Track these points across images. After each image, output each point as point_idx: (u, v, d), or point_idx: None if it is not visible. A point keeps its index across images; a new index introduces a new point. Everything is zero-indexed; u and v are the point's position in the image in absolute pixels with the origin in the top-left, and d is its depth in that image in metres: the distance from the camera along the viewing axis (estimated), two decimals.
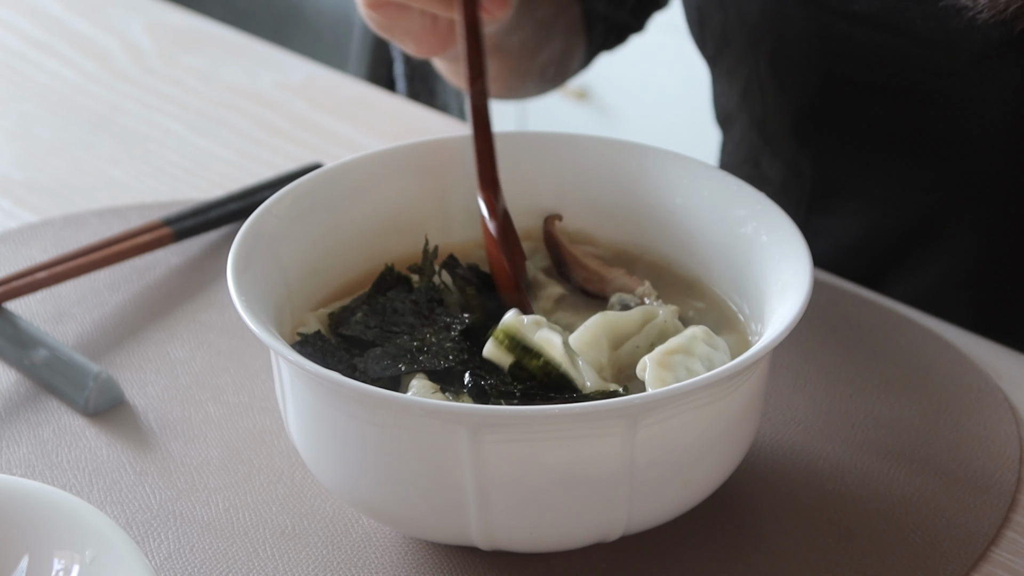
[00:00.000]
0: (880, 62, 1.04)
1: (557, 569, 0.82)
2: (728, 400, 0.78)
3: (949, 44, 1.01)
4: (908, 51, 1.02)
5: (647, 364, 0.79)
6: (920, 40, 1.02)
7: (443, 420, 0.75)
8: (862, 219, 1.12)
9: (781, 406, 0.92)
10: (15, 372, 0.96)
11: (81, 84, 1.28)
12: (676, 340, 0.80)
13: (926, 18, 1.01)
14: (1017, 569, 0.83)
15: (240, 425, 0.92)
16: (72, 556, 0.74)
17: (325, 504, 0.86)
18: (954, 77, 1.02)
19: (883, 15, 1.03)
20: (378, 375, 0.81)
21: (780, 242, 0.85)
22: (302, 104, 1.24)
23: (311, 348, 0.82)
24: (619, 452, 0.75)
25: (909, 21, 1.02)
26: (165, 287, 1.03)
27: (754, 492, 0.87)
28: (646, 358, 0.80)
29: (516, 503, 0.76)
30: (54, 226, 1.09)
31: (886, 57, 1.04)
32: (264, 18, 2.08)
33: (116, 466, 0.89)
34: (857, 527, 0.85)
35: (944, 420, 0.92)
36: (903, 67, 1.03)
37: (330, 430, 0.79)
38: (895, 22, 1.02)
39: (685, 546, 0.83)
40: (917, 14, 1.01)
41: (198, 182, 1.15)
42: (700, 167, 0.90)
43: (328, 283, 0.89)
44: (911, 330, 0.99)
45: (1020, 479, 0.88)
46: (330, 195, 0.90)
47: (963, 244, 1.09)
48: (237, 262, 0.82)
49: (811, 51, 1.07)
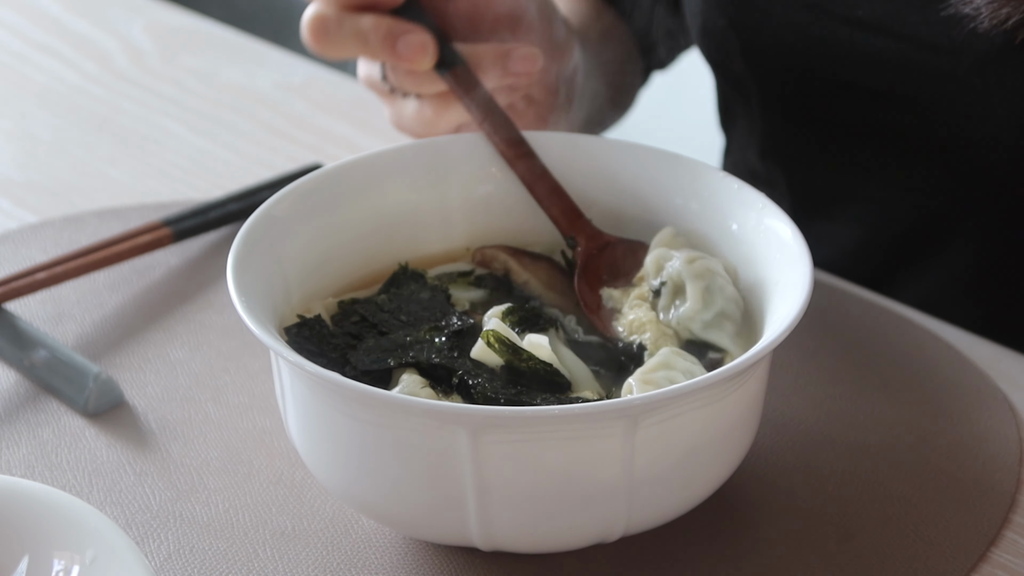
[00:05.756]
0: (883, 68, 1.04)
1: (557, 569, 0.82)
2: (728, 401, 0.78)
3: (952, 50, 1.01)
4: (911, 56, 1.02)
5: (632, 386, 0.80)
6: (923, 46, 1.02)
7: (443, 420, 0.75)
8: (865, 224, 1.12)
9: (781, 406, 0.92)
10: (15, 373, 0.96)
11: (81, 85, 1.28)
12: (653, 360, 0.81)
13: (929, 24, 1.01)
14: (1017, 570, 0.83)
15: (240, 426, 0.92)
16: (72, 557, 0.74)
17: (325, 505, 0.86)
18: (957, 82, 1.02)
19: (886, 20, 1.03)
20: (367, 368, 0.81)
21: (780, 242, 0.85)
22: (302, 104, 1.24)
23: (308, 331, 0.83)
24: (619, 453, 0.75)
25: (912, 26, 1.02)
26: (165, 288, 1.03)
27: (754, 493, 0.87)
28: (630, 380, 0.80)
29: (516, 503, 0.76)
30: (54, 227, 1.09)
31: (889, 63, 1.04)
32: (264, 18, 2.08)
33: (116, 467, 0.89)
34: (857, 528, 0.84)
35: (944, 421, 0.92)
36: (906, 72, 1.03)
37: (330, 430, 0.79)
38: (898, 28, 1.02)
39: (685, 546, 0.83)
40: (920, 20, 1.02)
41: (198, 182, 1.15)
42: (700, 167, 0.90)
43: (328, 283, 0.89)
44: (911, 331, 0.99)
45: (1020, 480, 0.88)
46: (330, 195, 0.90)
47: (967, 248, 1.09)
48: (237, 263, 0.82)
49: (813, 56, 1.07)
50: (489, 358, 0.81)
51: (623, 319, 0.86)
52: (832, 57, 1.06)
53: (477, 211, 0.93)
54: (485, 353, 0.81)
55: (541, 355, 0.81)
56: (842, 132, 1.10)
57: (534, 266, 0.90)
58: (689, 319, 0.84)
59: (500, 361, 0.81)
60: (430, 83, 0.94)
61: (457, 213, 0.93)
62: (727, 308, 0.85)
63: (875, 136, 1.08)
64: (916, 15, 1.02)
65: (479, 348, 0.81)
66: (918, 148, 1.07)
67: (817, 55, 1.07)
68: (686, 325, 0.84)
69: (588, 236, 0.90)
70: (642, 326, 0.85)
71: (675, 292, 0.85)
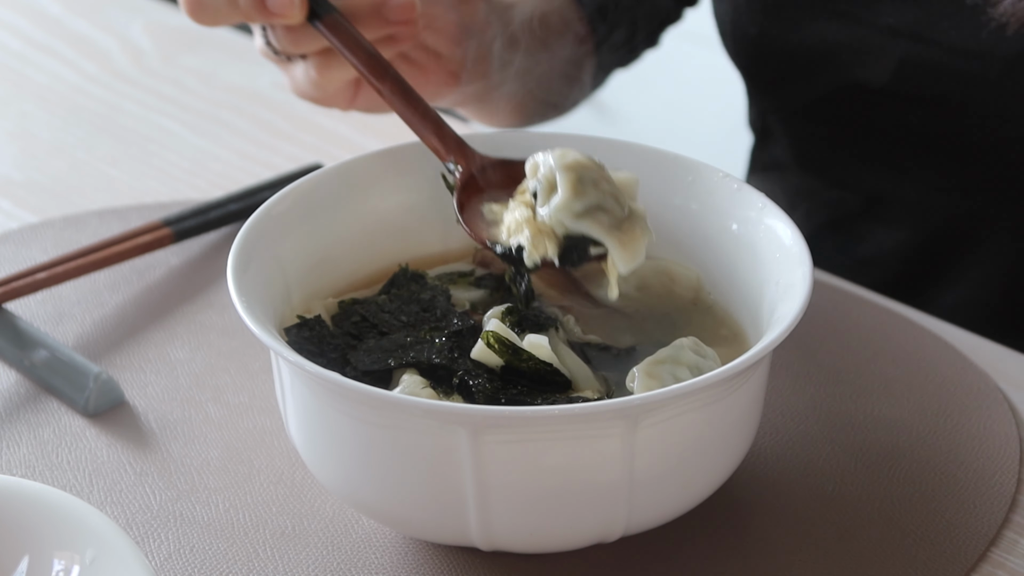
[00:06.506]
0: (914, 73, 1.05)
1: (557, 569, 0.82)
2: (728, 401, 0.78)
3: (981, 54, 1.01)
4: (941, 61, 1.03)
5: (636, 374, 0.80)
6: (953, 50, 1.02)
7: (443, 420, 0.75)
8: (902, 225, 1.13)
9: (781, 406, 0.92)
10: (15, 373, 0.96)
11: (81, 85, 1.28)
12: (664, 351, 0.81)
13: (959, 28, 1.02)
14: (1017, 570, 0.83)
15: (240, 425, 0.92)
16: (72, 557, 0.74)
17: (325, 505, 0.86)
18: (988, 85, 1.03)
19: (915, 27, 1.03)
20: (368, 368, 0.81)
21: (780, 242, 0.85)
22: (302, 105, 1.24)
23: (308, 332, 0.83)
24: (619, 453, 0.75)
25: (941, 32, 1.02)
26: (165, 288, 1.03)
27: (754, 493, 0.87)
28: (635, 369, 0.80)
29: (516, 503, 0.76)
30: (54, 227, 1.09)
31: (920, 68, 1.04)
32: None
33: (116, 467, 0.89)
34: (857, 527, 0.84)
35: (944, 421, 0.92)
36: (937, 77, 1.04)
37: (330, 430, 0.79)
38: (928, 33, 1.03)
39: (685, 546, 0.83)
40: (949, 25, 1.02)
41: (198, 183, 1.15)
42: (700, 167, 0.90)
43: (328, 283, 0.89)
44: (911, 330, 0.99)
45: (1020, 479, 0.88)
46: (330, 196, 0.90)
47: (1000, 249, 1.10)
48: (237, 263, 0.82)
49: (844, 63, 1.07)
50: (489, 358, 0.81)
51: (503, 225, 0.86)
52: (863, 64, 1.06)
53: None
54: (485, 353, 0.81)
55: (541, 355, 0.81)
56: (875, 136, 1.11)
57: None
58: (560, 210, 0.83)
59: (500, 361, 0.81)
60: (309, 40, 0.94)
61: None
62: (603, 201, 0.83)
63: (909, 139, 1.09)
64: (945, 21, 1.02)
65: (479, 348, 0.81)
66: (952, 150, 1.07)
67: (848, 62, 1.07)
68: (558, 218, 0.83)
69: (467, 158, 0.89)
70: (519, 226, 0.84)
71: (549, 189, 0.84)
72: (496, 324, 0.82)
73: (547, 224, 0.83)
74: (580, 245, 0.83)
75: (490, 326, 0.82)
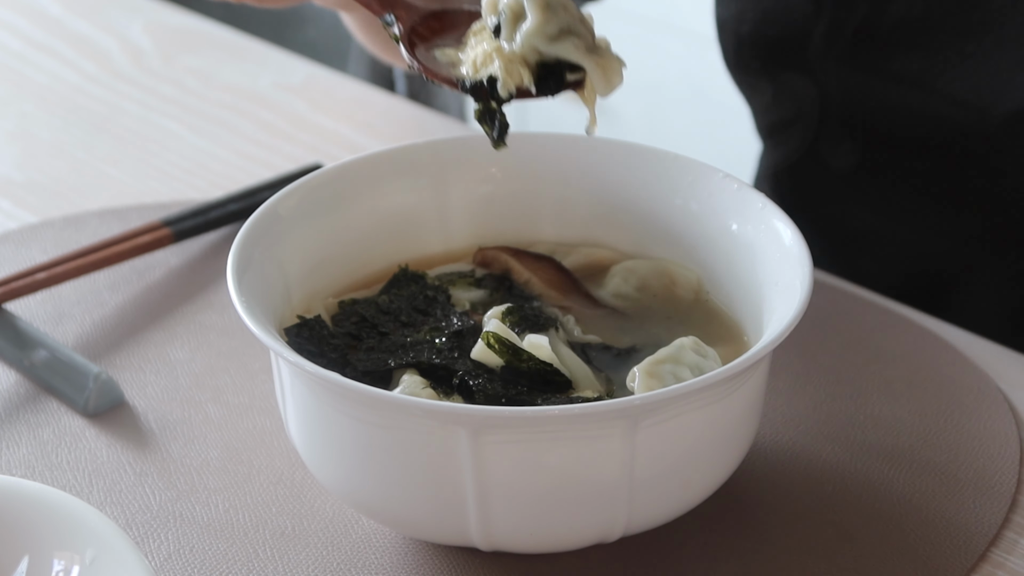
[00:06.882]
0: (917, 120, 1.05)
1: (557, 569, 0.82)
2: (728, 401, 0.78)
3: (981, 106, 1.02)
4: (943, 111, 1.03)
5: (636, 374, 0.80)
6: (954, 101, 1.03)
7: (443, 421, 0.75)
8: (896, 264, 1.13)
9: (781, 406, 0.92)
10: (15, 373, 0.96)
11: (81, 85, 1.28)
12: (665, 351, 0.81)
13: (962, 80, 1.02)
14: (1017, 570, 0.83)
15: (240, 426, 0.92)
16: (72, 557, 0.74)
17: (325, 505, 0.86)
18: (986, 138, 1.03)
19: (920, 75, 1.04)
20: (368, 368, 0.81)
21: (780, 242, 0.85)
22: (302, 105, 1.24)
23: (308, 332, 0.83)
24: (619, 453, 0.75)
25: (945, 83, 1.03)
26: (165, 288, 1.03)
27: (754, 493, 0.87)
28: (635, 368, 0.80)
29: (516, 504, 0.76)
30: (54, 227, 1.09)
31: (922, 115, 1.05)
32: (264, 18, 2.08)
33: (116, 467, 0.89)
34: (857, 528, 0.85)
35: (944, 421, 0.92)
36: (939, 126, 1.04)
37: (330, 431, 0.79)
38: (931, 82, 1.03)
39: (685, 546, 0.83)
40: (953, 76, 1.03)
41: (198, 183, 1.15)
42: (700, 168, 0.90)
43: (328, 284, 0.89)
44: (911, 330, 0.99)
45: (1020, 480, 0.88)
46: (330, 196, 0.90)
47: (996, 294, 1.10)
48: (237, 263, 0.82)
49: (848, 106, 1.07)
50: (489, 359, 0.81)
51: (465, 62, 0.83)
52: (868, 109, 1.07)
53: (477, 211, 0.93)
54: (485, 354, 0.81)
55: (541, 355, 0.81)
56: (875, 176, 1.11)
57: (535, 266, 0.90)
58: (533, 35, 0.80)
59: (500, 361, 0.81)
60: None
61: (457, 213, 0.93)
62: (573, 25, 0.81)
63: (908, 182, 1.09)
64: (950, 72, 1.03)
65: (479, 349, 0.81)
66: (951, 196, 1.08)
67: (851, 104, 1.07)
68: (532, 44, 0.80)
69: (406, 8, 0.86)
70: (488, 57, 0.82)
71: (515, 19, 0.81)
72: (496, 324, 0.82)
73: (518, 52, 0.81)
74: (556, 72, 0.81)
75: (490, 326, 0.82)
